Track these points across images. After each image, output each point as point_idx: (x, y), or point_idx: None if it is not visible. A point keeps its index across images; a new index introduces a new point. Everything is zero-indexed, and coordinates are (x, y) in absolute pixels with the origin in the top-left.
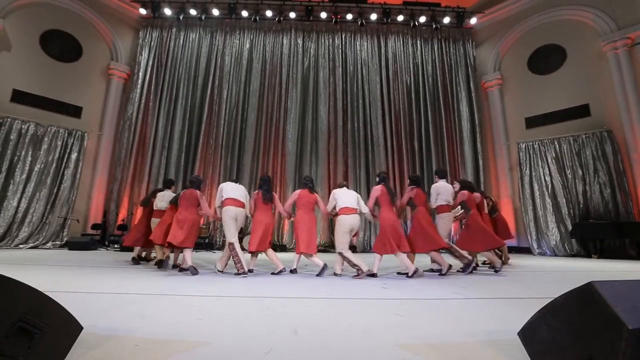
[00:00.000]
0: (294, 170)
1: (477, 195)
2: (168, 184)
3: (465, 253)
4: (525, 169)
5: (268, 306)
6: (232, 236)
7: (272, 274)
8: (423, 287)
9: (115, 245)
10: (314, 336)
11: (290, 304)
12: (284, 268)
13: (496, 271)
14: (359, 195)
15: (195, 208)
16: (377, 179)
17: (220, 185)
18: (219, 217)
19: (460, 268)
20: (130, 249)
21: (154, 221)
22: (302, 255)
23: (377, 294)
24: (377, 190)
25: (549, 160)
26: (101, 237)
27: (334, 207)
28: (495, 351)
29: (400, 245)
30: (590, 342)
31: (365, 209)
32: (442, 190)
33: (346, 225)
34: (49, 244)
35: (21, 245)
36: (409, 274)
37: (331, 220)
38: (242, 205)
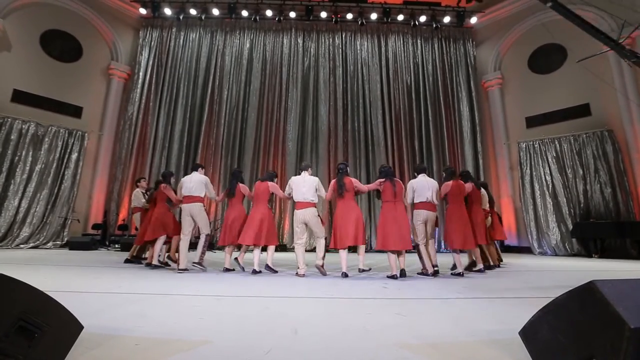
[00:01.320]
0: (294, 170)
1: (467, 185)
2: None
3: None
4: (526, 169)
5: (268, 306)
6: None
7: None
8: (424, 287)
9: (116, 245)
10: (314, 336)
11: (291, 303)
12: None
13: (476, 270)
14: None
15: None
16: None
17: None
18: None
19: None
20: (130, 249)
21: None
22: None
23: (377, 294)
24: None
25: (550, 160)
26: (102, 237)
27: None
28: (496, 350)
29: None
30: (592, 341)
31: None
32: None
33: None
34: (50, 244)
35: (22, 245)
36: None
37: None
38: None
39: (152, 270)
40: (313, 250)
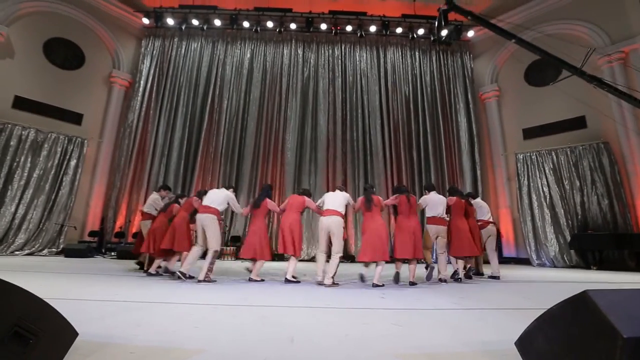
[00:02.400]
0: (293, 180)
1: (450, 199)
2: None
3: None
4: (523, 180)
5: (264, 315)
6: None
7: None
8: (421, 297)
9: (112, 253)
10: (310, 345)
11: (287, 312)
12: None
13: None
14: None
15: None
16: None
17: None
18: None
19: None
20: (129, 257)
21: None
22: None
23: (374, 304)
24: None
25: (547, 171)
26: (98, 244)
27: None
28: None
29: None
30: (586, 351)
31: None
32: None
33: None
34: (45, 251)
35: (17, 252)
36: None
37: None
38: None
39: (153, 278)
40: (312, 260)
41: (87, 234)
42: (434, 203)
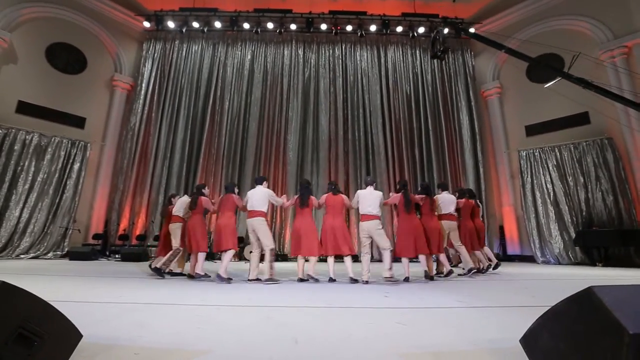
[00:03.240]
0: (295, 180)
1: (459, 201)
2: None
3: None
4: (527, 177)
5: (269, 315)
6: None
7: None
8: (425, 295)
9: (116, 256)
10: (314, 345)
11: (291, 313)
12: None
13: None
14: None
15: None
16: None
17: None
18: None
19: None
20: (133, 259)
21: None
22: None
23: (378, 303)
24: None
25: (550, 168)
26: (102, 247)
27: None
28: (498, 359)
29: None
30: (592, 347)
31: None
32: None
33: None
34: (50, 254)
35: (22, 256)
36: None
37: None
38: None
39: (177, 280)
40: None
41: (91, 236)
42: (447, 203)
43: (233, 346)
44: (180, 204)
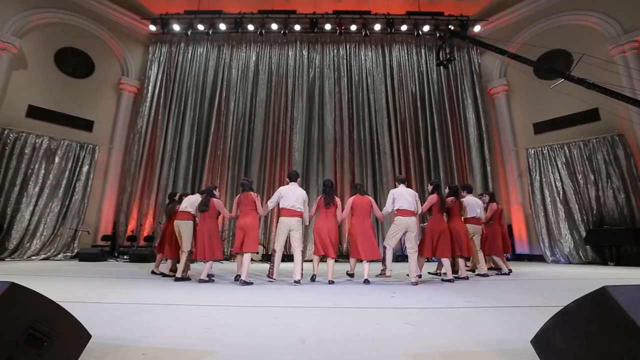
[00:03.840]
0: (301, 180)
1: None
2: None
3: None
4: (535, 175)
5: (275, 316)
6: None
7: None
8: (433, 295)
9: (125, 257)
10: (321, 346)
11: (298, 313)
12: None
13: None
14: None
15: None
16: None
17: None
18: None
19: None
20: (139, 260)
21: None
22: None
23: (385, 303)
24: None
25: (559, 166)
26: (111, 248)
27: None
28: None
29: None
30: (607, 349)
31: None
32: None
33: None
34: (60, 256)
35: (33, 257)
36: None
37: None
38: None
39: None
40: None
41: (100, 238)
42: (473, 205)
43: (239, 347)
44: (195, 199)
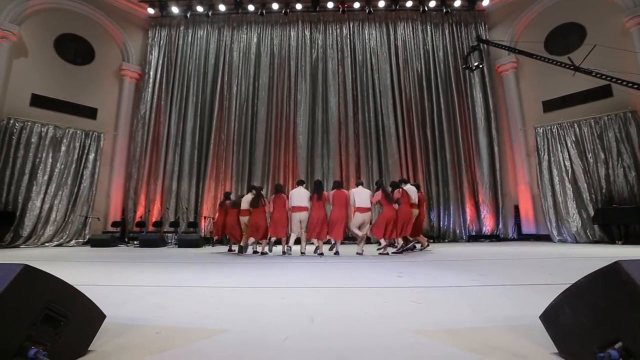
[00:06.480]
0: (306, 163)
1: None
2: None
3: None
4: (544, 154)
5: (284, 296)
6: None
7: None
8: (439, 275)
9: (135, 242)
10: (330, 324)
11: (306, 293)
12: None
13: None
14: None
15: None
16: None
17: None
18: None
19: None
20: (149, 245)
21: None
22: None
23: (392, 283)
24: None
25: (569, 145)
26: (121, 234)
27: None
28: (515, 335)
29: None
30: (618, 323)
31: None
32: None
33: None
34: (72, 242)
35: (47, 244)
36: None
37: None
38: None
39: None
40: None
41: (110, 224)
42: (413, 192)
43: (250, 326)
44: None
